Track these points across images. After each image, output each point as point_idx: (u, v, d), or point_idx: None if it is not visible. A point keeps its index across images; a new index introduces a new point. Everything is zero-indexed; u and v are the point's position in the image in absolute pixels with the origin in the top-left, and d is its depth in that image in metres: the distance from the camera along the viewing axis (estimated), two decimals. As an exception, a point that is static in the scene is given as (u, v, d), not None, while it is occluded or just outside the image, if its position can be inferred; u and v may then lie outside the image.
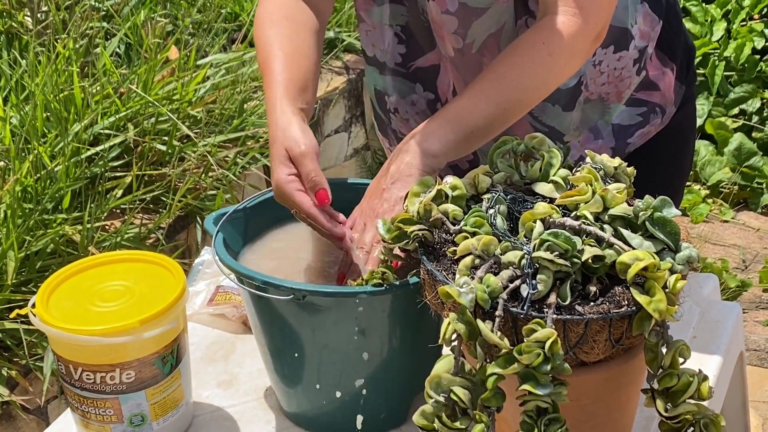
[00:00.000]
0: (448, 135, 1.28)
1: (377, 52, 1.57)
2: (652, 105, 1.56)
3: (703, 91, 4.00)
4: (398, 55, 1.54)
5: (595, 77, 1.49)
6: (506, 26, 1.41)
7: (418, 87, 1.55)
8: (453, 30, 1.43)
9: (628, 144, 1.56)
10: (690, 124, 1.64)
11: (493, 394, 0.98)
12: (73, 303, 1.26)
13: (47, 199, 2.27)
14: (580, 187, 1.09)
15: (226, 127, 2.76)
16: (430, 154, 1.27)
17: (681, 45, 1.57)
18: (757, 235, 3.56)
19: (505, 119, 1.31)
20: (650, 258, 0.99)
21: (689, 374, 1.01)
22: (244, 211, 1.37)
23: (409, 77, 1.55)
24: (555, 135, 1.51)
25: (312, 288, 1.20)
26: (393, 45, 1.53)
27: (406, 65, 1.55)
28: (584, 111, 1.52)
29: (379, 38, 1.55)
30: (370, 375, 1.25)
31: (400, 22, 1.51)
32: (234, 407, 1.38)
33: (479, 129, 1.29)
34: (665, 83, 1.56)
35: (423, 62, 1.52)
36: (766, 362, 2.89)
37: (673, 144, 1.61)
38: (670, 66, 1.56)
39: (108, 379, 1.23)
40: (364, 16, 1.54)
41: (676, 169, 1.66)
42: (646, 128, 1.56)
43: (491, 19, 1.41)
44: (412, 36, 1.51)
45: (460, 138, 1.28)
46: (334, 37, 3.49)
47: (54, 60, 2.57)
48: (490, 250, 1.04)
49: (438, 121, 1.29)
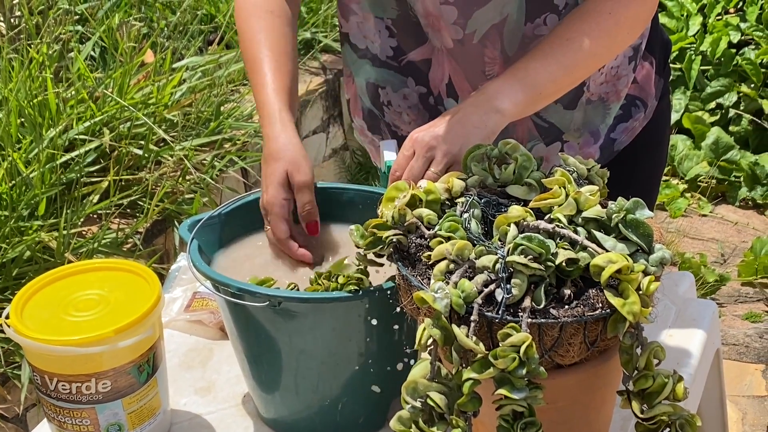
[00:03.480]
0: (518, 95, 1.30)
1: (369, 43, 1.56)
2: (631, 98, 1.56)
3: (680, 86, 4.01)
4: (389, 48, 1.54)
5: (595, 77, 1.50)
6: (509, 18, 1.41)
7: (410, 81, 1.55)
8: (452, 21, 1.42)
9: (614, 141, 1.57)
10: (666, 117, 1.66)
11: (470, 398, 0.98)
12: (47, 313, 1.25)
13: (23, 205, 2.25)
14: (554, 189, 1.09)
15: (202, 130, 2.75)
16: (499, 112, 1.28)
17: (658, 39, 1.59)
18: (735, 229, 3.58)
19: (570, 83, 1.36)
20: (624, 260, 0.99)
21: (664, 375, 1.01)
22: (219, 218, 1.37)
23: (401, 71, 1.55)
24: (555, 132, 1.52)
25: (287, 294, 1.20)
26: (384, 38, 1.53)
27: (398, 59, 1.54)
28: (586, 112, 1.53)
29: (371, 30, 1.54)
30: (348, 380, 1.24)
31: (391, 15, 1.50)
32: (212, 414, 1.37)
33: (547, 91, 1.33)
34: (643, 76, 1.57)
35: (415, 56, 1.52)
36: (745, 356, 2.91)
37: (652, 137, 1.62)
38: (649, 59, 1.57)
39: (84, 389, 1.22)
40: (355, 8, 1.53)
41: (656, 162, 1.67)
42: (629, 123, 1.57)
43: (494, 9, 1.41)
44: (402, 29, 1.51)
45: (529, 99, 1.31)
46: (311, 37, 3.48)
47: (28, 65, 2.55)
48: (464, 255, 1.04)
49: (509, 81, 1.30)
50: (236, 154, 2.76)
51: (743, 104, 3.93)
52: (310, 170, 1.36)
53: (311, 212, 1.35)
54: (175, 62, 2.91)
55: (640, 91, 1.57)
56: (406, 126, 1.59)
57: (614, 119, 1.56)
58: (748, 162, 3.72)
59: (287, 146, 1.36)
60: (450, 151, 1.26)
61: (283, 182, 1.35)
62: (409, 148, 1.29)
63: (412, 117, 1.57)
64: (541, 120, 1.51)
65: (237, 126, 2.84)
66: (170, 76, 2.79)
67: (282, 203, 1.34)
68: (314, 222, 1.36)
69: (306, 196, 1.35)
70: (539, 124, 1.51)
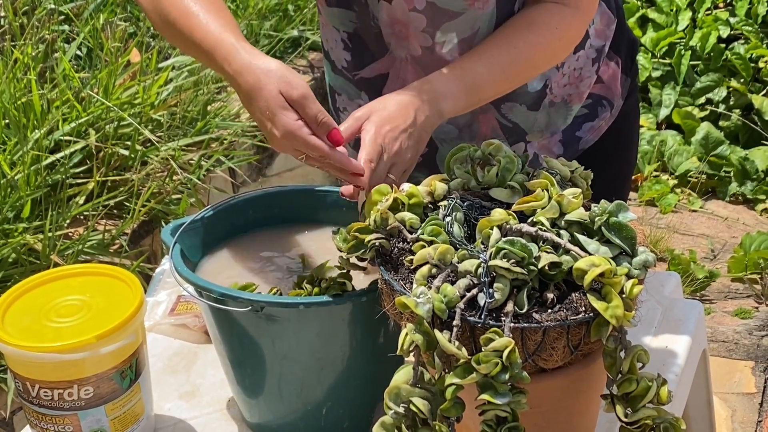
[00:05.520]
0: (461, 100, 1.30)
1: (330, 48, 1.54)
2: (597, 97, 1.56)
3: (669, 81, 4.01)
4: (344, 60, 1.52)
5: (558, 80, 1.50)
6: (480, 31, 1.39)
7: (363, 95, 1.53)
8: (421, 28, 1.40)
9: (579, 139, 1.56)
10: (635, 115, 1.66)
11: (453, 404, 0.98)
12: (28, 319, 1.24)
13: (7, 208, 2.24)
14: (537, 192, 1.09)
15: (189, 130, 2.74)
16: (441, 116, 1.28)
17: (624, 39, 1.59)
18: (725, 224, 3.58)
19: (504, 91, 1.37)
20: (606, 264, 0.99)
21: (648, 379, 1.00)
22: (201, 221, 1.36)
23: (355, 83, 1.53)
24: (519, 132, 1.51)
25: (270, 299, 1.19)
26: (339, 49, 1.51)
27: (351, 72, 1.52)
28: (549, 115, 1.52)
29: (330, 36, 1.52)
30: (332, 384, 1.24)
31: (348, 28, 1.47)
32: (196, 419, 1.36)
33: (485, 97, 1.34)
34: (609, 76, 1.57)
35: (368, 72, 1.50)
36: (734, 353, 2.90)
37: (621, 135, 1.62)
38: (615, 59, 1.56)
39: (66, 395, 1.21)
40: (320, 8, 1.51)
41: (625, 160, 1.66)
42: (595, 122, 1.57)
43: (464, 23, 1.39)
44: (359, 44, 1.48)
45: (468, 104, 1.32)
46: (299, 35, 3.47)
47: (12, 66, 2.54)
48: (446, 259, 1.03)
49: (456, 83, 1.30)
50: (223, 154, 2.74)
51: (733, 99, 3.93)
52: (302, 80, 1.23)
53: (326, 121, 1.22)
54: (161, 62, 2.90)
55: (606, 90, 1.57)
56: None
57: (580, 118, 1.56)
58: (738, 157, 3.72)
59: (266, 69, 1.22)
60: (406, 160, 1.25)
61: (284, 104, 1.21)
62: (377, 146, 1.23)
63: None
64: (506, 120, 1.50)
65: (224, 125, 2.83)
66: (156, 75, 2.77)
67: (298, 124, 1.21)
68: (335, 129, 1.23)
69: (313, 107, 1.22)
70: (504, 124, 1.50)
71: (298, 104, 1.21)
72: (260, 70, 1.22)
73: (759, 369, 2.83)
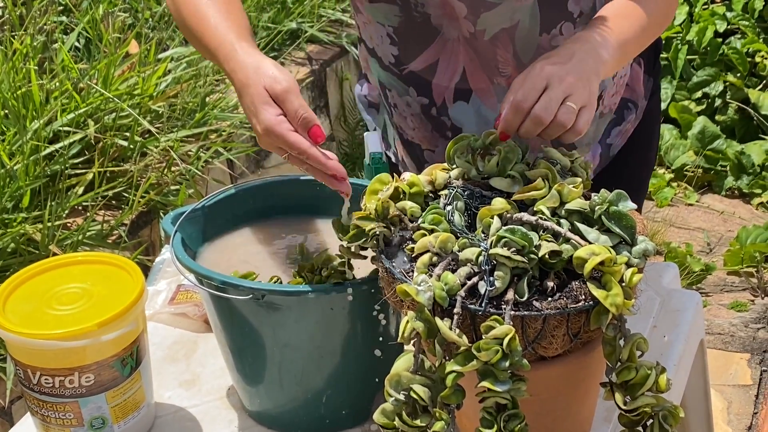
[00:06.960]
0: (614, 50, 1.28)
1: (375, 45, 1.52)
2: (623, 101, 1.55)
3: (666, 75, 4.02)
4: (391, 55, 1.50)
5: (608, 89, 1.49)
6: (521, 24, 1.38)
7: (411, 91, 1.51)
8: (463, 15, 1.39)
9: (609, 146, 1.56)
10: (656, 114, 1.65)
11: (453, 391, 0.98)
12: (30, 307, 1.25)
13: (7, 198, 2.24)
14: (537, 181, 1.09)
15: (188, 122, 2.74)
16: (604, 64, 1.27)
17: None
18: (721, 218, 3.59)
19: (640, 49, 1.37)
20: (606, 252, 1.00)
21: (647, 367, 1.01)
22: (202, 210, 1.36)
23: (403, 79, 1.51)
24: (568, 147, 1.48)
25: (271, 287, 1.20)
26: (386, 45, 1.49)
27: (399, 67, 1.50)
28: (597, 125, 1.51)
29: (374, 33, 1.50)
30: (332, 372, 1.24)
31: (392, 23, 1.45)
32: (196, 407, 1.37)
33: (630, 52, 1.33)
34: (633, 77, 1.56)
35: (417, 64, 1.48)
36: (730, 346, 2.92)
37: (642, 136, 1.61)
38: (638, 60, 1.56)
39: (67, 382, 1.22)
40: (360, 8, 1.49)
41: (645, 160, 1.66)
42: (622, 125, 1.56)
43: (503, 14, 1.38)
44: (405, 37, 1.46)
45: (619, 57, 1.30)
46: (297, 28, 3.47)
47: (11, 57, 2.54)
48: (447, 248, 1.04)
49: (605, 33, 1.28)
50: (222, 145, 2.75)
51: (729, 93, 3.93)
52: (289, 76, 1.22)
53: (307, 117, 1.20)
54: (160, 53, 2.90)
55: (631, 92, 1.56)
56: (410, 131, 1.55)
57: (609, 124, 1.55)
58: (735, 151, 3.73)
59: (256, 67, 1.23)
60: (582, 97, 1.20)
61: (267, 99, 1.21)
62: (541, 80, 1.20)
63: (415, 124, 1.53)
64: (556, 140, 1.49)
65: (222, 117, 2.83)
66: (155, 66, 2.78)
67: (278, 119, 1.20)
68: (316, 126, 1.20)
69: (294, 101, 1.20)
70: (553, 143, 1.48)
71: (281, 99, 1.21)
72: (251, 68, 1.23)
73: (755, 361, 2.84)
